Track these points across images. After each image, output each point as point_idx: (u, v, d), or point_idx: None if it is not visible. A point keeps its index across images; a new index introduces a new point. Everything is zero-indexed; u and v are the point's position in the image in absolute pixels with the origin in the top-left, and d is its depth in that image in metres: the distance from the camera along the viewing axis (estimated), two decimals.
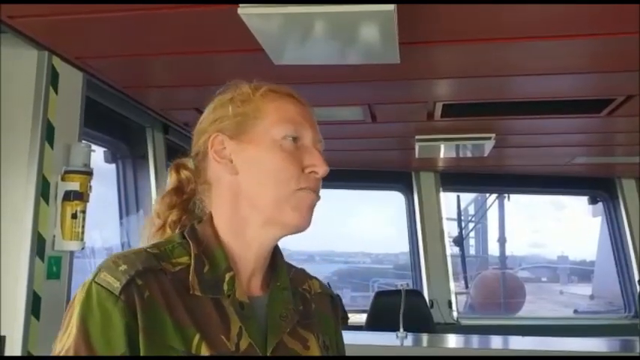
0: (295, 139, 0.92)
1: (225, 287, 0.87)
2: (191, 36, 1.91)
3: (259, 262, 0.94)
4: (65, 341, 0.79)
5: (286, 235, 0.95)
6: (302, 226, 0.92)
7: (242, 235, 0.92)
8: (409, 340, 2.83)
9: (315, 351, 0.93)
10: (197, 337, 0.81)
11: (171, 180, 1.00)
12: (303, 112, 0.96)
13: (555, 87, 2.44)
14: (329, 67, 2.03)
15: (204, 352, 0.81)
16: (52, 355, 0.80)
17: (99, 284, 0.80)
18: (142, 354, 0.78)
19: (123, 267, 0.82)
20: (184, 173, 0.99)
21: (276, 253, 0.98)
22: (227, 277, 0.88)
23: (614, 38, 1.86)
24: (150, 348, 0.79)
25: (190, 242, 0.90)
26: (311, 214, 0.92)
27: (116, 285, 0.80)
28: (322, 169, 0.92)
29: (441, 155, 3.72)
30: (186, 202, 0.99)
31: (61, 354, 0.79)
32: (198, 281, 0.86)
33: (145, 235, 0.98)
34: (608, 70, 2.20)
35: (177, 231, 0.95)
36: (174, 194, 0.98)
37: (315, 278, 1.07)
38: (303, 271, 1.07)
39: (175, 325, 0.81)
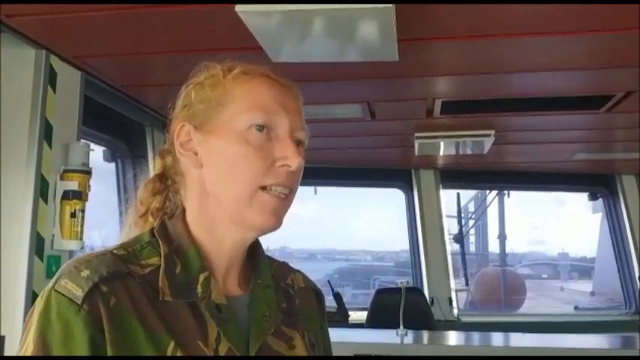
0: (265, 129, 0.83)
1: (200, 289, 0.81)
2: (189, 34, 1.90)
3: (234, 259, 0.87)
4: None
5: (258, 235, 0.88)
6: (267, 229, 0.84)
7: (212, 233, 0.85)
8: (409, 338, 2.82)
9: (300, 350, 0.87)
10: (172, 344, 0.75)
11: (156, 166, 0.94)
12: (279, 97, 0.85)
13: (555, 83, 2.43)
14: (328, 65, 2.02)
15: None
16: None
17: (59, 292, 0.73)
18: None
19: (85, 272, 0.75)
20: (169, 159, 0.92)
21: (254, 248, 0.92)
22: (201, 277, 0.82)
23: (614, 34, 1.85)
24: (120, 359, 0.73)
25: (160, 241, 0.83)
26: (278, 216, 0.84)
27: (78, 293, 0.73)
28: (295, 162, 0.82)
29: (441, 152, 3.71)
30: (169, 189, 0.92)
31: None
32: (169, 285, 0.79)
33: (128, 222, 0.92)
34: (608, 66, 2.19)
35: (158, 221, 0.89)
36: (157, 180, 0.92)
37: (299, 272, 1.01)
38: (285, 264, 1.00)
39: (147, 333, 0.74)
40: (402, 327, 2.84)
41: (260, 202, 0.82)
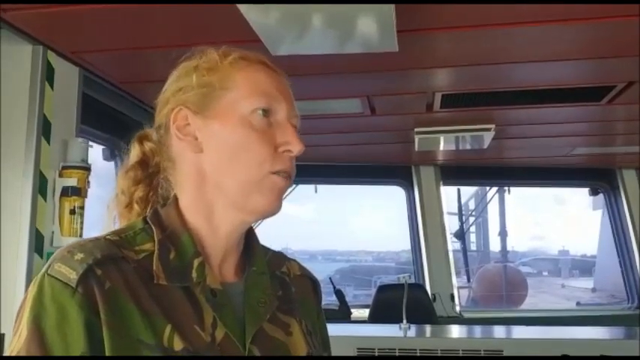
0: (267, 113, 0.83)
1: (195, 274, 0.80)
2: (188, 28, 1.89)
3: (231, 246, 0.86)
4: (15, 344, 0.71)
5: (257, 220, 0.88)
6: (271, 213, 0.84)
7: (209, 218, 0.84)
8: (412, 332, 2.81)
9: (298, 337, 0.87)
10: (168, 328, 0.74)
11: (134, 152, 0.91)
12: (277, 83, 0.86)
13: (555, 74, 2.42)
14: (327, 58, 2.01)
15: (177, 343, 0.74)
16: None
17: (52, 276, 0.72)
18: (107, 350, 0.71)
19: (79, 256, 0.74)
20: (148, 145, 0.90)
21: (250, 235, 0.91)
22: (196, 263, 0.81)
23: (613, 22, 1.84)
24: (116, 343, 0.71)
25: (153, 227, 0.82)
26: (281, 199, 0.84)
27: (72, 276, 0.72)
28: (297, 148, 0.83)
29: (441, 148, 3.70)
30: (152, 176, 0.91)
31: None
32: (163, 269, 0.78)
33: (111, 216, 0.90)
34: (608, 56, 2.18)
35: (147, 209, 0.88)
36: (138, 168, 0.90)
37: (294, 260, 1.00)
38: (280, 253, 0.99)
39: (143, 317, 0.73)
40: (404, 321, 2.82)
41: (269, 185, 0.82)
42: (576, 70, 2.38)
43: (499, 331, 3.12)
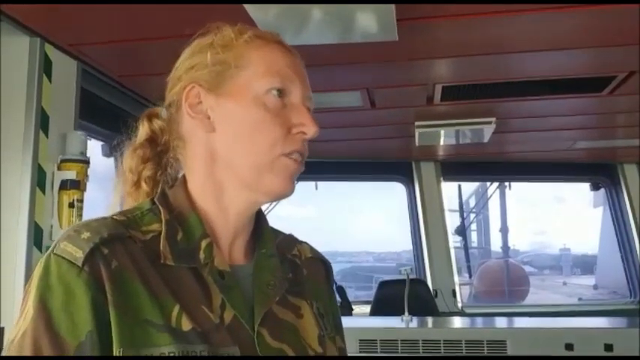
0: (281, 94, 0.82)
1: (202, 255, 0.79)
2: (188, 20, 1.88)
3: (241, 227, 0.85)
4: (21, 325, 0.69)
5: (269, 201, 0.87)
6: (283, 195, 0.83)
7: (218, 199, 0.83)
8: (414, 323, 2.79)
9: (309, 319, 0.86)
10: (176, 308, 0.73)
11: (143, 130, 0.89)
12: (292, 64, 0.84)
13: (556, 64, 2.40)
14: (326, 49, 2.00)
15: (186, 324, 0.72)
16: (6, 345, 0.71)
17: (59, 256, 0.71)
18: (113, 330, 0.69)
19: (85, 235, 0.72)
20: (157, 123, 0.89)
21: (259, 217, 0.90)
22: (203, 244, 0.80)
23: (613, 9, 1.83)
24: (123, 323, 0.70)
25: (161, 208, 0.81)
26: (293, 181, 0.83)
27: (78, 255, 0.70)
28: (312, 130, 0.82)
29: (441, 142, 3.69)
30: (160, 155, 0.88)
31: (16, 339, 0.69)
32: (170, 249, 0.77)
33: (118, 195, 0.88)
34: (609, 45, 2.16)
35: (156, 189, 0.86)
36: (147, 146, 0.88)
37: (305, 243, 0.99)
38: (291, 236, 0.98)
39: (151, 297, 0.72)
40: (407, 313, 2.81)
41: (281, 167, 0.81)
42: (577, 59, 2.36)
43: (502, 322, 3.10)
